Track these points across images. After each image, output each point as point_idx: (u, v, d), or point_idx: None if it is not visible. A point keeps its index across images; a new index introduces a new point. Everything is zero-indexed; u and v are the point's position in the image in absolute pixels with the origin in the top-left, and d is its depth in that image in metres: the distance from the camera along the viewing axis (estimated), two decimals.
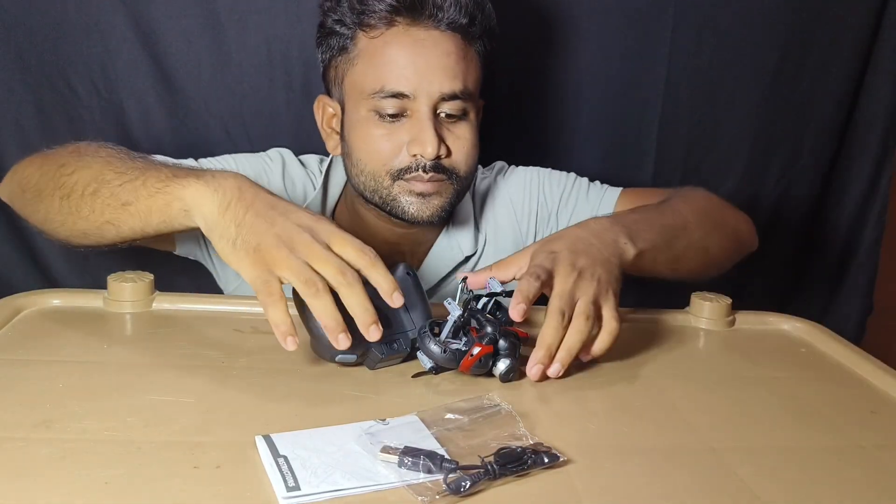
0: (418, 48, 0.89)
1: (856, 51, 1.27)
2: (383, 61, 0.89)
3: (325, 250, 0.65)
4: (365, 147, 0.92)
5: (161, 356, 0.70)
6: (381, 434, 0.55)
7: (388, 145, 0.91)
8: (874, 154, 1.34)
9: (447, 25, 0.89)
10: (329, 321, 0.63)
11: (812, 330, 0.86)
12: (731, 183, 1.32)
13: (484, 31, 0.94)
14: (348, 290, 0.64)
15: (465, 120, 0.93)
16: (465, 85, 0.90)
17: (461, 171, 0.93)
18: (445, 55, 0.89)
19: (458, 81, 0.90)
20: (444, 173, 0.92)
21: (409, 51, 0.89)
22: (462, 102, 0.91)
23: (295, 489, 0.49)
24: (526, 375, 0.69)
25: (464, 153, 0.93)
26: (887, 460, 0.59)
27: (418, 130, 0.89)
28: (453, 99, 0.90)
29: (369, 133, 0.91)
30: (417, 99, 0.89)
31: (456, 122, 0.92)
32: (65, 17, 1.14)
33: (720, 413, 0.66)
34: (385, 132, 0.91)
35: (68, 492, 0.49)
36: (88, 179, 0.78)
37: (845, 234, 1.40)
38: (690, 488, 0.54)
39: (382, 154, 0.91)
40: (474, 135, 0.94)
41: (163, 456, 0.53)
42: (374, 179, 0.93)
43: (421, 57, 0.89)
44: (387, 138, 0.91)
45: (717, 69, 1.26)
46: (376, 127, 0.91)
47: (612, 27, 1.23)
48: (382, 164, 0.91)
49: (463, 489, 0.50)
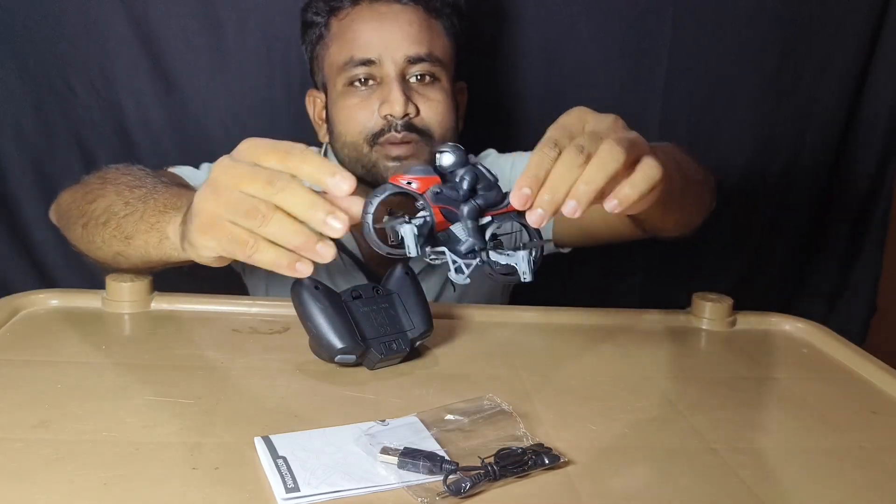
0: (381, 19, 0.96)
1: (857, 50, 1.27)
2: (351, 36, 0.97)
3: (250, 167, 0.57)
4: (343, 118, 0.98)
5: (160, 356, 0.70)
6: (380, 435, 0.55)
7: (363, 112, 0.97)
8: (876, 154, 1.34)
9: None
10: (291, 238, 0.56)
11: (814, 330, 0.85)
12: (732, 183, 1.32)
13: (447, 6, 1.00)
14: (281, 196, 0.55)
15: (436, 84, 0.98)
16: (430, 49, 0.97)
17: (434, 132, 0.97)
18: (408, 24, 0.96)
19: (422, 46, 0.96)
20: (417, 132, 0.96)
21: (373, 23, 0.96)
22: (429, 65, 0.97)
23: (294, 490, 0.49)
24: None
25: (435, 113, 0.98)
26: (889, 461, 0.59)
27: (387, 93, 0.95)
28: (420, 62, 0.96)
29: (346, 104, 0.98)
30: (383, 64, 0.95)
31: (426, 85, 0.98)
32: (64, 18, 1.14)
33: (721, 413, 0.66)
34: (359, 100, 0.97)
35: (67, 492, 0.49)
36: (102, 209, 0.77)
37: (848, 235, 1.40)
38: (691, 489, 0.53)
39: (359, 121, 0.97)
40: (448, 98, 0.99)
41: (161, 457, 0.53)
42: (354, 149, 0.98)
43: (384, 26, 0.96)
44: (361, 106, 0.97)
45: (717, 69, 1.26)
46: (351, 97, 0.98)
47: (612, 27, 1.23)
48: (359, 132, 0.97)
49: (463, 490, 0.49)
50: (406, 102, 0.95)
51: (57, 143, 1.20)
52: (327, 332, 0.66)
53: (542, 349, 0.78)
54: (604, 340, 0.80)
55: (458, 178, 0.58)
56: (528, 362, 0.73)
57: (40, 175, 1.21)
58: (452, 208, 0.58)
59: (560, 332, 0.83)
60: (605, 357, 0.72)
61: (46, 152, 1.20)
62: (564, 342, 0.80)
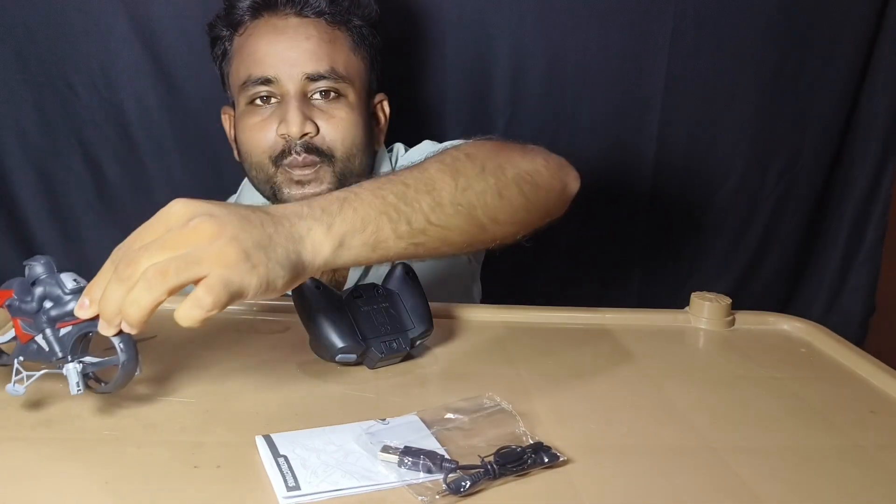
0: (279, 34, 0.93)
1: (856, 50, 1.27)
2: (248, 52, 0.94)
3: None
4: (247, 138, 0.95)
5: (161, 356, 0.70)
6: (381, 434, 0.55)
7: (264, 132, 0.94)
8: (876, 153, 1.34)
9: (310, 11, 0.93)
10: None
11: (812, 330, 0.86)
12: (732, 183, 1.32)
13: (353, 17, 0.96)
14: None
15: (340, 101, 0.94)
16: (331, 65, 0.93)
17: (337, 151, 0.94)
18: (306, 38, 0.93)
19: (322, 62, 0.92)
20: (318, 154, 0.93)
21: (271, 38, 0.93)
22: (332, 82, 0.93)
23: (295, 489, 0.49)
24: None
25: (337, 131, 0.94)
26: (887, 460, 0.59)
27: (284, 111, 0.92)
28: (321, 79, 0.92)
29: (248, 123, 0.95)
30: (281, 82, 0.92)
31: (330, 101, 0.94)
32: (65, 18, 1.14)
33: (720, 413, 0.66)
34: (260, 119, 0.94)
35: (68, 492, 0.49)
36: None
37: (847, 234, 1.40)
38: (690, 488, 0.54)
39: (261, 141, 0.94)
40: (353, 115, 0.95)
41: (163, 456, 0.53)
42: (261, 170, 0.95)
43: (282, 42, 0.92)
44: (262, 126, 0.94)
45: (717, 69, 1.26)
46: (253, 116, 0.95)
47: (612, 27, 1.23)
48: (262, 152, 0.94)
49: (463, 489, 0.50)
50: (303, 122, 0.91)
51: (58, 144, 1.20)
52: (328, 331, 0.67)
53: (541, 348, 0.78)
54: (603, 340, 0.80)
55: (34, 291, 0.58)
56: (528, 361, 0.74)
57: (41, 175, 1.22)
58: (31, 320, 0.58)
59: (560, 331, 0.83)
60: (604, 356, 0.73)
61: (48, 152, 1.21)
62: (564, 341, 0.80)
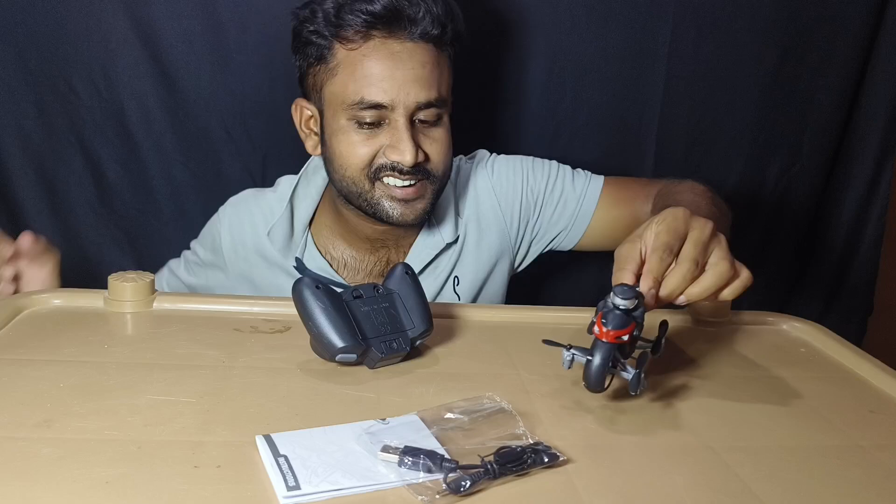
0: (395, 60, 0.92)
1: (856, 50, 1.28)
2: (362, 74, 0.93)
3: None
4: (346, 153, 0.96)
5: (161, 356, 0.70)
6: (381, 433, 0.56)
7: (366, 150, 0.95)
8: (874, 153, 1.34)
9: (420, 36, 0.93)
10: None
11: (811, 330, 0.86)
12: (731, 183, 1.32)
13: (455, 37, 0.97)
14: None
15: (439, 123, 0.97)
16: (439, 93, 0.95)
17: (438, 172, 0.98)
18: (421, 66, 0.93)
19: (433, 91, 0.94)
20: (422, 174, 0.96)
21: (387, 63, 0.92)
22: (437, 109, 0.95)
23: (295, 488, 0.49)
24: None
25: (440, 155, 0.97)
26: (886, 460, 0.59)
27: (397, 140, 0.93)
28: (429, 107, 0.94)
29: (349, 140, 0.95)
30: (395, 109, 0.93)
31: (431, 126, 0.96)
32: (66, 18, 1.14)
33: (719, 412, 0.66)
34: (364, 138, 0.95)
35: (68, 492, 0.49)
36: None
37: (846, 234, 1.40)
38: (690, 488, 0.54)
39: (362, 159, 0.95)
40: (448, 136, 0.98)
41: (163, 455, 0.53)
42: (355, 184, 0.97)
43: (398, 69, 0.92)
44: (365, 144, 0.95)
45: (717, 69, 1.26)
46: (356, 134, 0.95)
47: (612, 27, 1.23)
48: (361, 169, 0.95)
49: (463, 489, 0.50)
50: (416, 151, 0.93)
51: (59, 144, 1.21)
52: (328, 331, 0.67)
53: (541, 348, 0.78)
54: None
55: None
56: (528, 361, 0.74)
57: (42, 175, 1.22)
58: None
59: (560, 331, 0.83)
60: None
61: (48, 153, 1.21)
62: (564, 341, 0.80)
